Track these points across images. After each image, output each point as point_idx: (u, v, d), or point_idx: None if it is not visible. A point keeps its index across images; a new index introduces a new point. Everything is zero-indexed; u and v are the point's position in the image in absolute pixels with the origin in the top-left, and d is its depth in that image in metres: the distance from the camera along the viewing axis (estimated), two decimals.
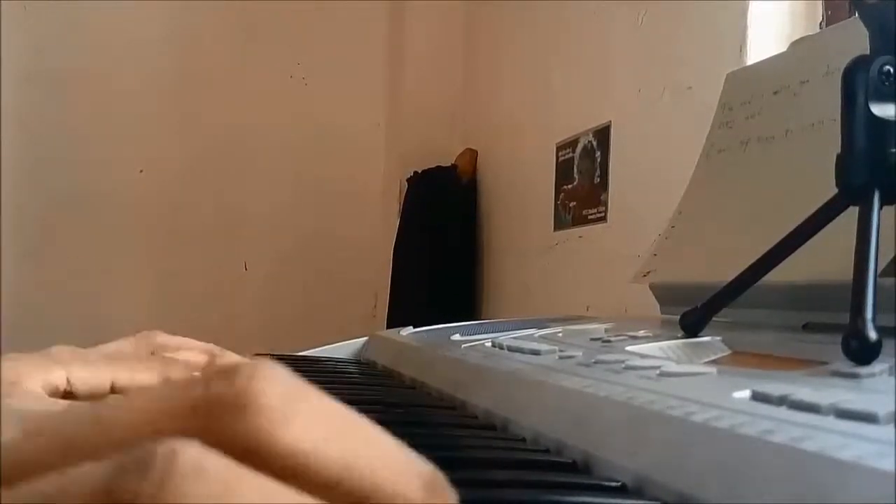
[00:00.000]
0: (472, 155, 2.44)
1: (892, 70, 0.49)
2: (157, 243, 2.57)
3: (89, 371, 0.35)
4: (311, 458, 0.16)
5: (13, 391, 0.29)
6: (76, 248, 2.50)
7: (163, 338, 0.55)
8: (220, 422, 0.16)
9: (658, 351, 0.55)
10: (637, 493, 0.34)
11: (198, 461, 0.15)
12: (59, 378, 0.33)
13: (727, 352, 0.56)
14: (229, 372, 0.17)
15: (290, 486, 0.16)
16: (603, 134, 1.71)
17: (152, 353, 0.55)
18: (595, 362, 0.48)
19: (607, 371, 0.45)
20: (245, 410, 0.16)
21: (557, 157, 1.91)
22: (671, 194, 1.02)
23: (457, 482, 0.35)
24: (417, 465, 0.17)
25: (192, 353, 0.54)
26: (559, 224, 1.90)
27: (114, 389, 0.36)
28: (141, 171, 2.57)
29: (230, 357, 0.55)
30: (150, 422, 0.16)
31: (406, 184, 2.45)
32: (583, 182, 1.79)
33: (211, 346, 0.56)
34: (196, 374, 0.18)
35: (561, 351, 0.55)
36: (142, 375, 0.37)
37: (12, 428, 0.17)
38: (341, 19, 2.68)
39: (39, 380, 0.32)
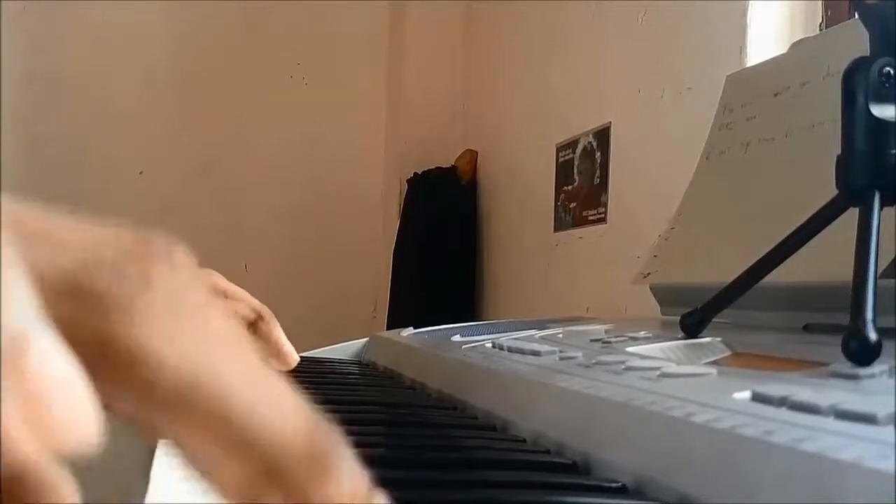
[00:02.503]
0: (471, 156, 2.44)
1: (892, 71, 0.49)
2: None
3: None
4: (187, 376, 0.15)
5: None
6: None
7: (218, 279, 0.54)
8: (101, 302, 0.15)
9: (658, 352, 0.55)
10: (637, 493, 0.34)
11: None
12: None
13: (727, 353, 0.56)
14: (131, 241, 0.16)
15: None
16: (603, 135, 1.71)
17: None
18: (595, 363, 0.48)
19: (607, 372, 0.46)
20: (117, 312, 0.15)
21: (557, 158, 1.91)
22: (671, 195, 1.02)
23: (458, 483, 0.36)
24: (303, 410, 0.16)
25: (240, 304, 0.54)
26: (559, 225, 1.90)
27: None
28: (140, 173, 2.57)
29: (275, 325, 0.54)
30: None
31: (406, 184, 2.45)
32: (583, 183, 1.79)
33: (263, 306, 0.55)
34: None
35: (561, 352, 0.55)
36: None
37: None
38: (341, 19, 2.68)
39: None
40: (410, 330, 0.90)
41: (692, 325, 0.59)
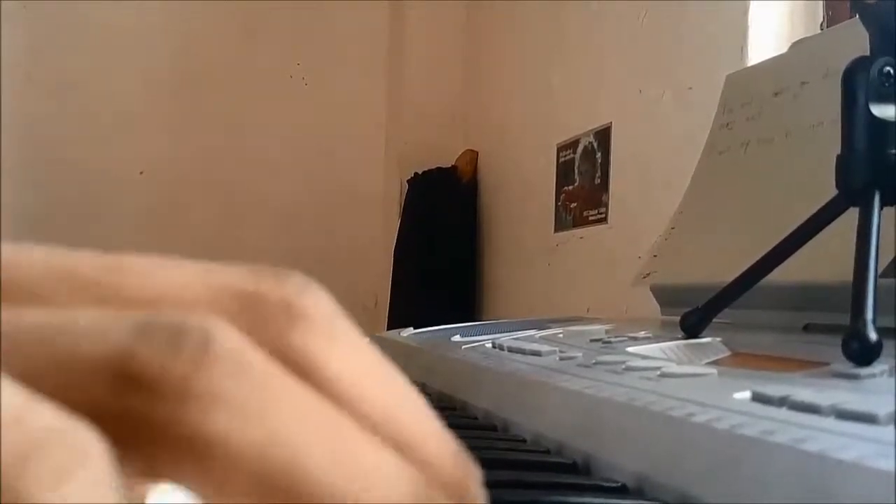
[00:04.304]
0: (472, 156, 2.44)
1: (892, 71, 0.49)
2: (157, 244, 2.56)
3: None
4: (356, 392, 0.14)
5: None
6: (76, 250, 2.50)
7: None
8: (269, 322, 0.14)
9: (658, 352, 0.55)
10: (637, 493, 0.34)
11: (239, 353, 0.12)
12: None
13: (727, 353, 0.56)
14: (280, 276, 0.14)
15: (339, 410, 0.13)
16: (604, 135, 1.71)
17: None
18: (595, 363, 0.48)
19: (608, 372, 0.46)
20: (299, 320, 0.14)
21: (558, 158, 1.91)
22: (671, 195, 1.02)
23: None
24: (448, 438, 0.15)
25: None
26: (560, 225, 1.90)
27: None
28: (141, 173, 2.57)
29: None
30: (180, 293, 0.14)
31: (406, 185, 2.45)
32: (583, 183, 1.79)
33: None
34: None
35: (561, 352, 0.55)
36: None
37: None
38: (341, 19, 2.69)
39: None
40: (410, 330, 0.90)
41: (692, 325, 0.59)
